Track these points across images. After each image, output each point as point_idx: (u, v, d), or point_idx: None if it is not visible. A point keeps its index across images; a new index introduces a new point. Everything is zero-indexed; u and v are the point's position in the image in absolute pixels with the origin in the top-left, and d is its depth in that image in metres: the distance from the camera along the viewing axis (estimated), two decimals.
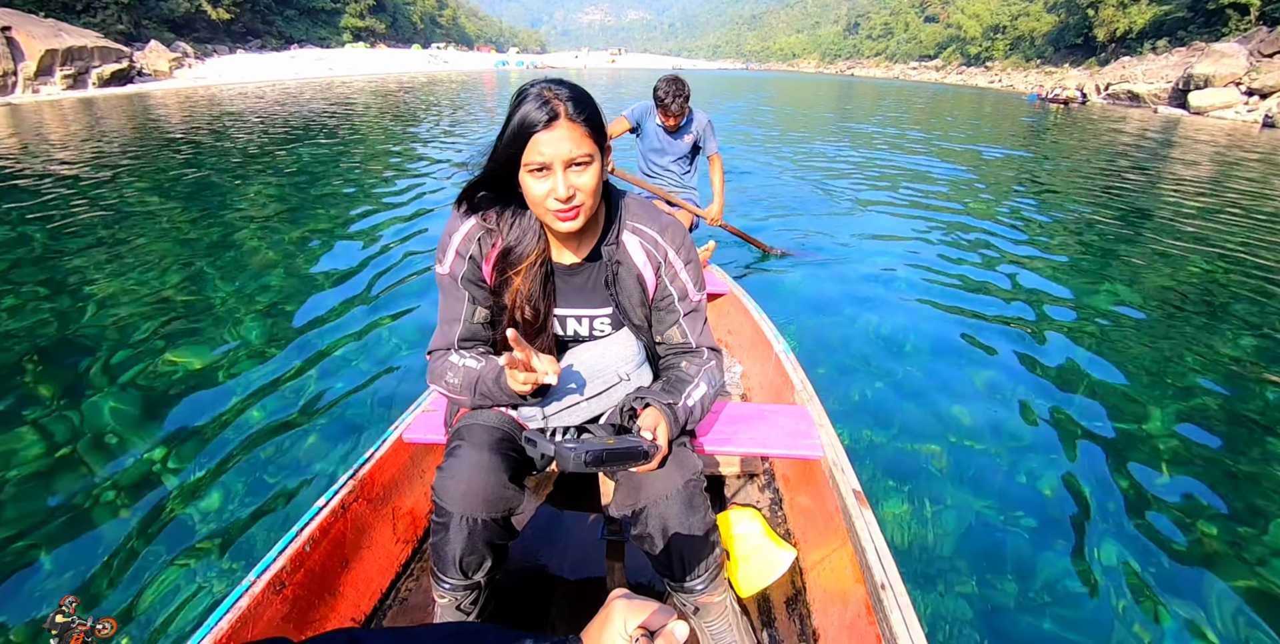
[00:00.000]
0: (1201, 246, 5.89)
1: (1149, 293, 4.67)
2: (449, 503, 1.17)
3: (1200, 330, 3.95)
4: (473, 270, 1.24)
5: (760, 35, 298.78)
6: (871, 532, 1.35)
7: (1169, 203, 8.03)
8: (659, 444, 1.10)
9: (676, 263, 1.27)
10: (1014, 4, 79.91)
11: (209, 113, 17.58)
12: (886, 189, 8.34)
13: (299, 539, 1.29)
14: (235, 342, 3.44)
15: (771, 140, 13.78)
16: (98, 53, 28.07)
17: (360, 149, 10.87)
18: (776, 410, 1.73)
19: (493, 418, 1.27)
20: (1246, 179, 10.26)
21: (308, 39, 60.02)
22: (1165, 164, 11.92)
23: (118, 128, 13.42)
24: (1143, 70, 38.53)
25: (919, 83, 75.30)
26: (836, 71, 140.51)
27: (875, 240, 5.78)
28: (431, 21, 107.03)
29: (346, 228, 5.76)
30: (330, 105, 20.21)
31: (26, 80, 25.03)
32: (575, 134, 1.04)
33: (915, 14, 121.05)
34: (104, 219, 5.80)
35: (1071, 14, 58.95)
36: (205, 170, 8.51)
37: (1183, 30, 41.13)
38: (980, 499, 2.37)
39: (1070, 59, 56.89)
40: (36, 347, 3.38)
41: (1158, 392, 3.22)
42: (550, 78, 1.10)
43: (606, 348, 1.30)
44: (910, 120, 20.51)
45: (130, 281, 4.21)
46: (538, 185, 1.07)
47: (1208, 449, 2.72)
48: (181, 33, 41.25)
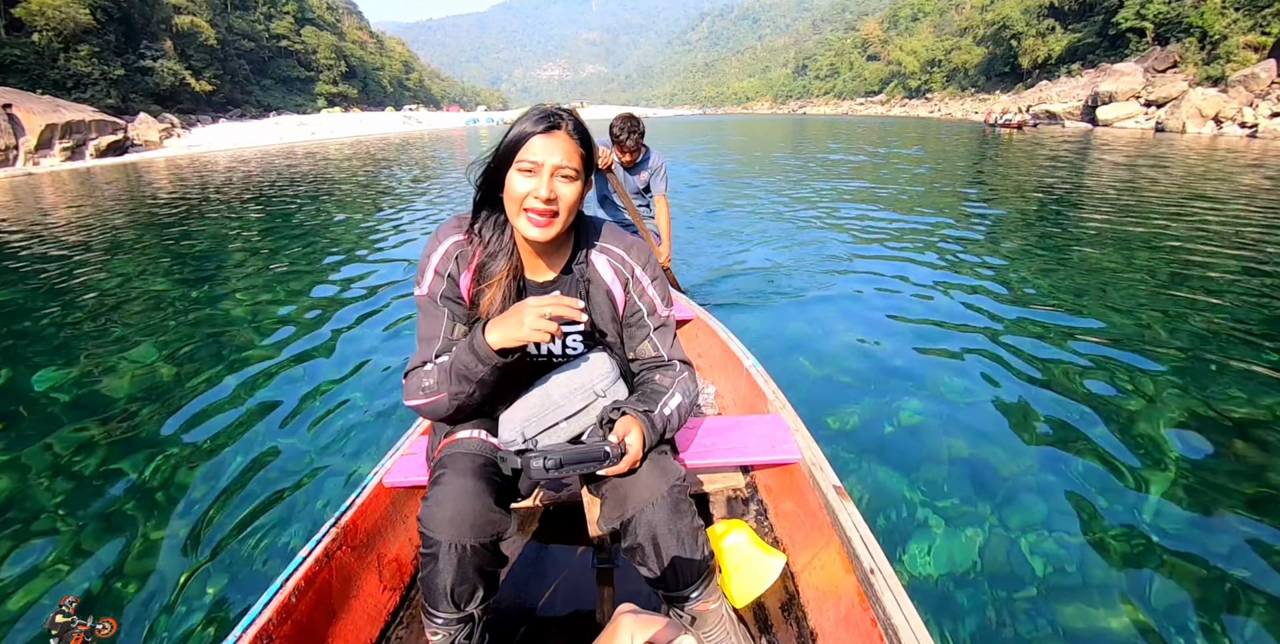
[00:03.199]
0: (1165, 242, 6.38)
1: (1104, 284, 4.99)
2: (436, 531, 1.16)
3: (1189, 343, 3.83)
4: (451, 287, 1.26)
5: (714, 81, 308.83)
6: (855, 522, 1.36)
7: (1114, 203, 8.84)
8: (628, 443, 1.13)
9: (643, 279, 1.32)
10: (947, 39, 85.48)
11: (202, 177, 18.61)
12: (843, 218, 8.44)
13: (284, 590, 1.26)
14: (216, 391, 3.50)
15: (731, 174, 14.42)
16: (94, 125, 29.76)
17: (342, 206, 11.20)
18: (752, 420, 1.77)
19: (474, 445, 1.27)
20: (1159, 175, 12.16)
21: (285, 106, 62.89)
22: (1103, 168, 13.60)
23: (116, 194, 14.47)
24: (1057, 91, 42.47)
25: (865, 116, 78.99)
26: (789, 111, 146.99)
27: (841, 263, 5.90)
28: (399, 85, 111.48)
29: (330, 279, 5.89)
30: (316, 164, 21.57)
31: (27, 153, 26.52)
32: (569, 147, 1.11)
33: (858, 54, 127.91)
34: (98, 291, 5.80)
35: (998, 45, 63.50)
36: (197, 231, 8.96)
37: (1092, 53, 45.27)
38: (963, 488, 2.44)
39: (1001, 86, 61.22)
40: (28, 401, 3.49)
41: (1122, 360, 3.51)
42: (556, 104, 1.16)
43: (580, 368, 1.29)
44: (868, 151, 20.57)
45: (112, 351, 4.19)
46: (522, 183, 1.11)
47: (1169, 443, 2.74)
48: (166, 104, 43.42)
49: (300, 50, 70.13)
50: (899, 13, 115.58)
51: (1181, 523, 2.24)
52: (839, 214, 8.63)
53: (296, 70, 69.02)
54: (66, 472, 2.70)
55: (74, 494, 2.54)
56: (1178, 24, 35.46)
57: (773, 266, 5.89)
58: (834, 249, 6.53)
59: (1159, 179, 11.43)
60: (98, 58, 38.51)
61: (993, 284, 5.13)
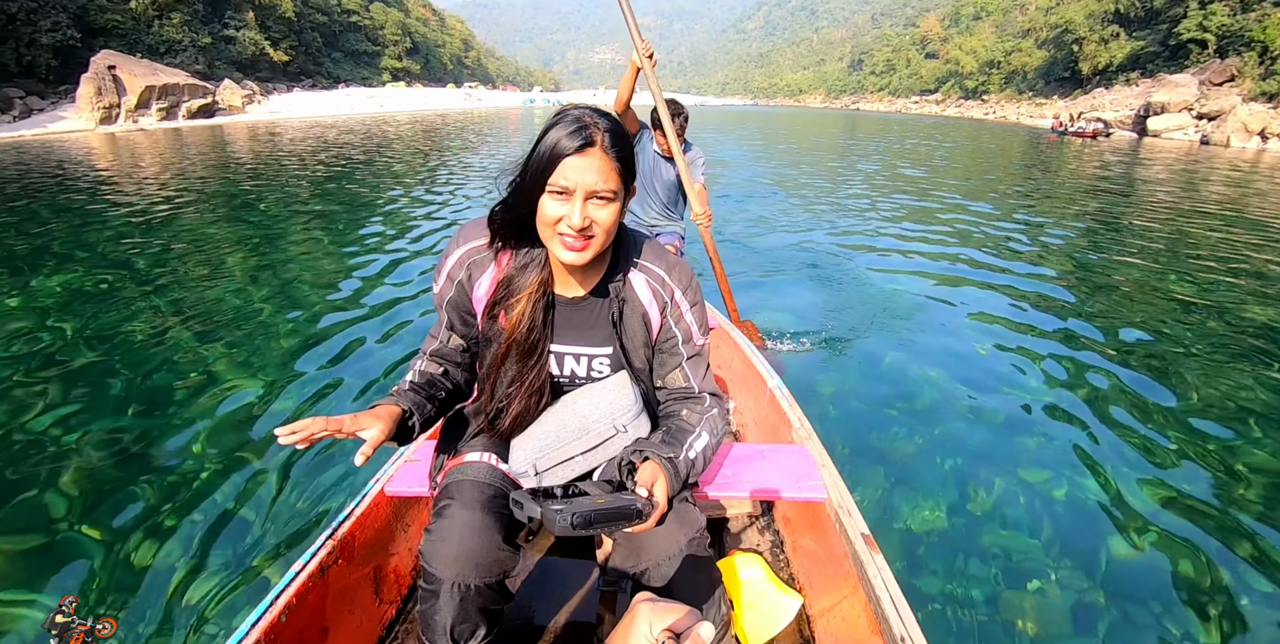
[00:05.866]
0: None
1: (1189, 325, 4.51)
2: (439, 569, 1.11)
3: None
4: (459, 296, 1.21)
5: (767, 72, 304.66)
6: (885, 579, 1.27)
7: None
8: (657, 500, 1.01)
9: (683, 303, 1.23)
10: (1008, 40, 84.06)
11: (282, 141, 20.10)
12: (899, 222, 8.33)
13: (274, 608, 1.20)
14: (228, 381, 3.41)
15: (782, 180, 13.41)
16: (187, 89, 32.13)
17: (399, 177, 12.00)
18: (775, 451, 1.71)
19: (483, 472, 1.22)
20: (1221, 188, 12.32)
21: (352, 79, 65.59)
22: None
23: (205, 153, 15.73)
24: (1109, 99, 42.58)
25: (919, 115, 78.54)
26: (842, 106, 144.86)
27: (887, 281, 5.53)
28: (459, 62, 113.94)
29: (374, 269, 5.75)
30: (391, 136, 23.10)
31: (128, 112, 29.01)
32: (605, 167, 1.01)
33: (916, 51, 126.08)
34: (164, 242, 6.50)
35: (1059, 49, 62.69)
36: (271, 193, 9.73)
37: (1151, 63, 44.86)
38: (1000, 542, 2.25)
39: (1059, 91, 60.52)
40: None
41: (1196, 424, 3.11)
42: (590, 105, 1.07)
43: (601, 396, 1.22)
44: (923, 157, 19.29)
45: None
46: (554, 207, 1.02)
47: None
48: (246, 72, 45.94)
49: (368, 25, 72.69)
50: (961, 10, 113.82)
51: None
52: (889, 228, 8.01)
53: (364, 44, 71.66)
54: (65, 464, 2.60)
55: (73, 494, 2.44)
56: (1240, 37, 35.35)
57: (810, 277, 5.62)
58: (882, 262, 6.20)
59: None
60: (187, 26, 41.01)
61: (1076, 322, 4.53)
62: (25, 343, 3.98)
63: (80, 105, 27.52)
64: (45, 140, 21.66)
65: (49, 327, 4.25)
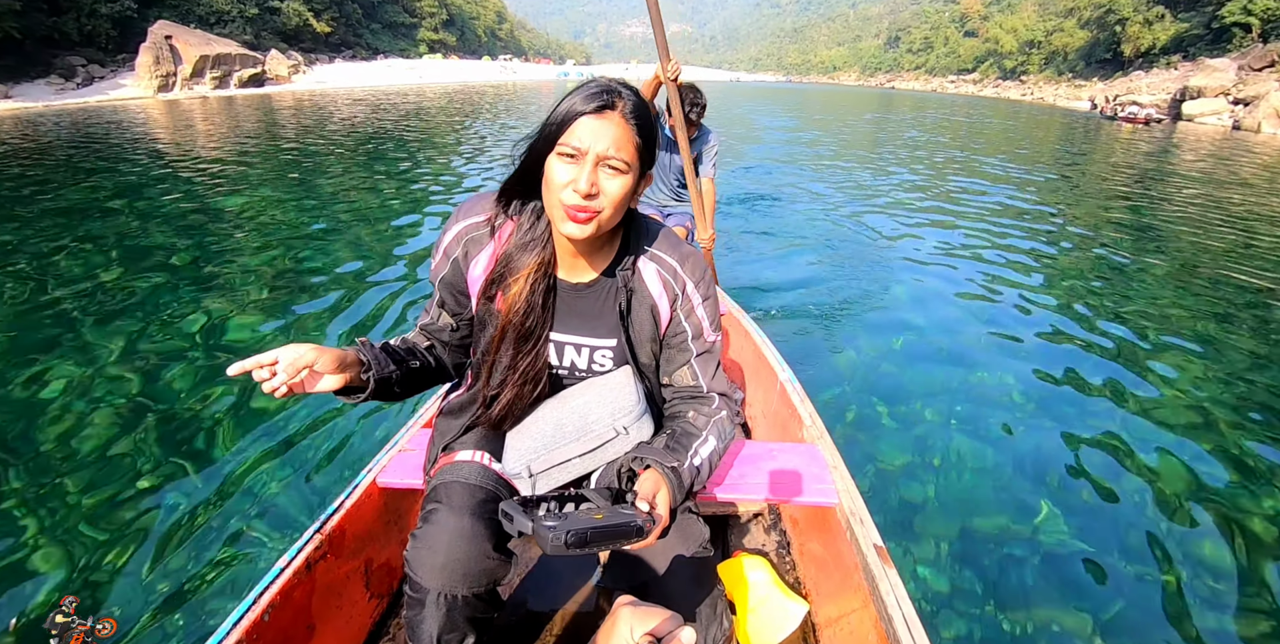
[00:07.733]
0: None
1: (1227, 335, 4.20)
2: (425, 578, 1.05)
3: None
4: (454, 274, 1.15)
5: (801, 48, 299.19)
6: (898, 595, 1.23)
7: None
8: (658, 514, 0.93)
9: (694, 297, 1.16)
10: (1050, 20, 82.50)
11: (331, 109, 20.84)
12: (924, 211, 7.86)
13: (257, 607, 1.15)
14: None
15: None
16: (238, 59, 33.31)
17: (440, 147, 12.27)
18: (785, 450, 1.65)
19: (475, 473, 1.17)
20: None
21: (390, 50, 66.51)
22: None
23: (261, 119, 16.39)
24: (1146, 83, 42.11)
25: (955, 95, 77.27)
26: (877, 84, 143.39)
27: (914, 274, 5.26)
28: (492, 35, 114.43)
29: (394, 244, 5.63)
30: (438, 107, 23.74)
31: (184, 80, 30.23)
32: (621, 133, 0.94)
33: (955, 29, 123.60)
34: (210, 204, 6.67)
35: (1102, 30, 61.55)
36: (311, 160, 9.87)
37: (1194, 46, 44.17)
38: (1017, 557, 2.14)
39: (1100, 73, 59.68)
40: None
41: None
42: (618, 78, 1.01)
43: (602, 395, 1.15)
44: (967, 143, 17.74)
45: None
46: (562, 170, 0.95)
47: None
48: (290, 43, 47.06)
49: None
50: None
51: None
52: (918, 219, 7.47)
53: (402, 16, 72.50)
54: (67, 458, 2.57)
55: (74, 489, 2.40)
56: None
57: (828, 272, 5.28)
58: (908, 252, 5.91)
59: None
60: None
61: (1114, 325, 4.27)
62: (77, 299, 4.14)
63: (139, 73, 28.75)
64: (110, 105, 22.74)
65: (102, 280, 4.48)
